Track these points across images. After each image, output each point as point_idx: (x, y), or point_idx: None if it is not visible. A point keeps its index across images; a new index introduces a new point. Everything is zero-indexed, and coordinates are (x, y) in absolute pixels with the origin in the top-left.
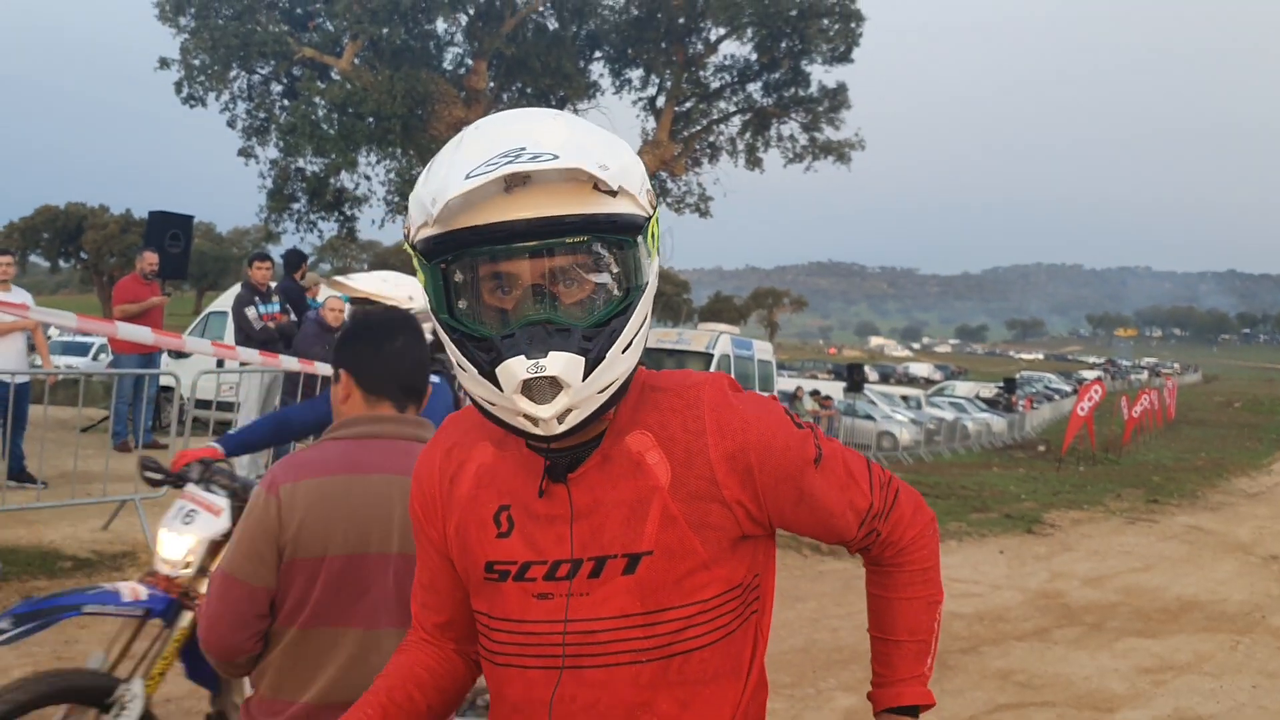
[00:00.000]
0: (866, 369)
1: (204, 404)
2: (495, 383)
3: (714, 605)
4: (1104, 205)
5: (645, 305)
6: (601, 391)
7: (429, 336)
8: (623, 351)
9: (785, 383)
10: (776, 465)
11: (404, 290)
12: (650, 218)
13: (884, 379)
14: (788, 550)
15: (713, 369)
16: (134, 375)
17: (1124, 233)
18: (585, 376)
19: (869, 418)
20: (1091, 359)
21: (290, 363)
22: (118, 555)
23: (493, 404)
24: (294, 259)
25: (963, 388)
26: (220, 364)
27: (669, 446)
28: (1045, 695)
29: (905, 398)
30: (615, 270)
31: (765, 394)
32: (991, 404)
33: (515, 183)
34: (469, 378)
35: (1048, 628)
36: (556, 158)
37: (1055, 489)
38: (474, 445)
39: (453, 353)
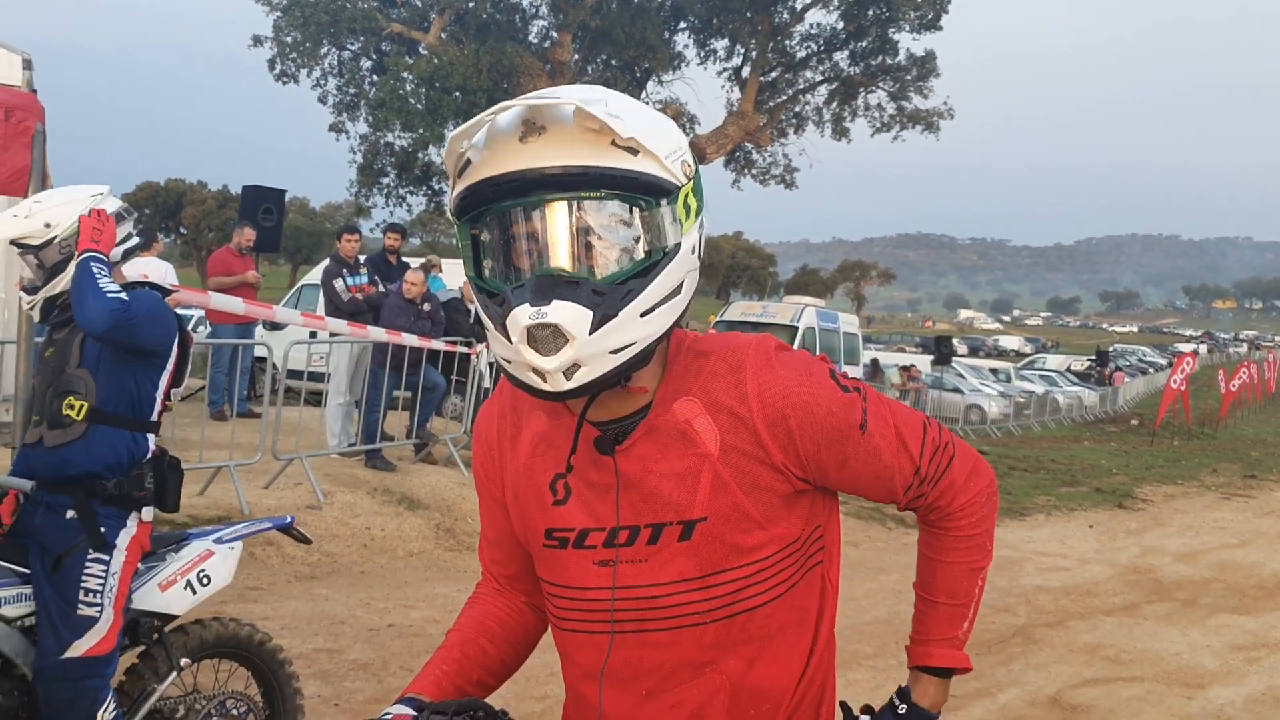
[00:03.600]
0: (955, 342)
1: (296, 374)
2: (506, 335)
3: (773, 562)
4: (1203, 173)
5: (674, 274)
6: (615, 352)
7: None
8: (641, 315)
9: (869, 356)
10: (817, 431)
11: (39, 219)
12: (681, 187)
13: (973, 352)
14: (871, 523)
15: (797, 341)
16: (229, 346)
17: (1223, 202)
18: (593, 331)
19: (957, 391)
20: (1188, 332)
21: (378, 334)
22: (213, 520)
23: (509, 361)
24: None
25: (1053, 361)
26: (313, 335)
27: (715, 412)
28: (1133, 670)
29: (994, 371)
30: (636, 232)
31: (816, 355)
32: (1083, 377)
33: (530, 132)
34: (492, 336)
35: (1137, 603)
36: (559, 99)
37: (1148, 463)
38: (530, 412)
39: (481, 314)
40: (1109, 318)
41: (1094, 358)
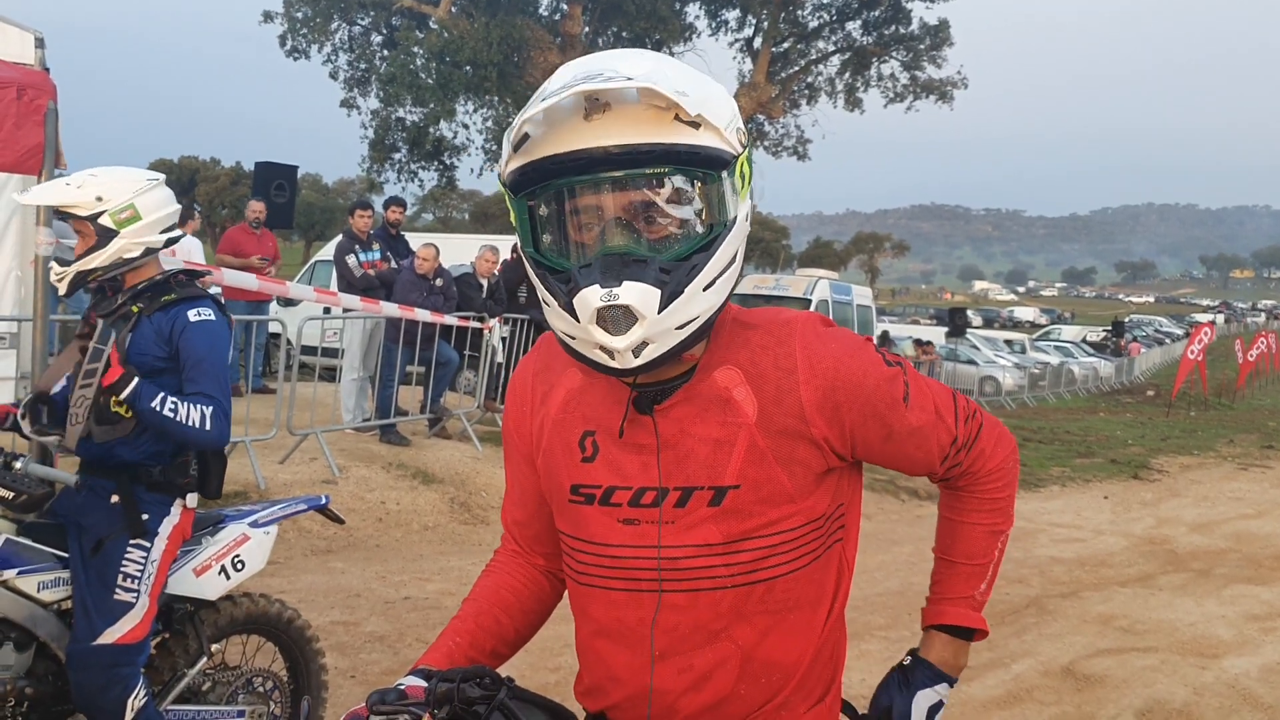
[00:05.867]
0: (970, 314)
1: (310, 350)
2: (573, 314)
3: (797, 536)
4: (1220, 142)
5: (732, 245)
6: (680, 327)
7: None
8: (704, 289)
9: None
10: (865, 404)
11: (90, 191)
12: (738, 156)
13: (988, 324)
14: (884, 495)
15: None
16: (243, 322)
17: (1241, 170)
18: (662, 309)
19: (971, 363)
20: (1205, 302)
21: (390, 309)
22: (230, 495)
23: (572, 337)
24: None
25: (1069, 332)
26: (327, 311)
27: (758, 383)
28: (1148, 640)
29: (1009, 342)
30: (698, 206)
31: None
32: (1099, 348)
33: (594, 109)
34: (551, 311)
35: (1152, 573)
36: (631, 80)
37: (1164, 434)
38: (564, 370)
39: (538, 288)
40: (1125, 288)
41: (1110, 328)
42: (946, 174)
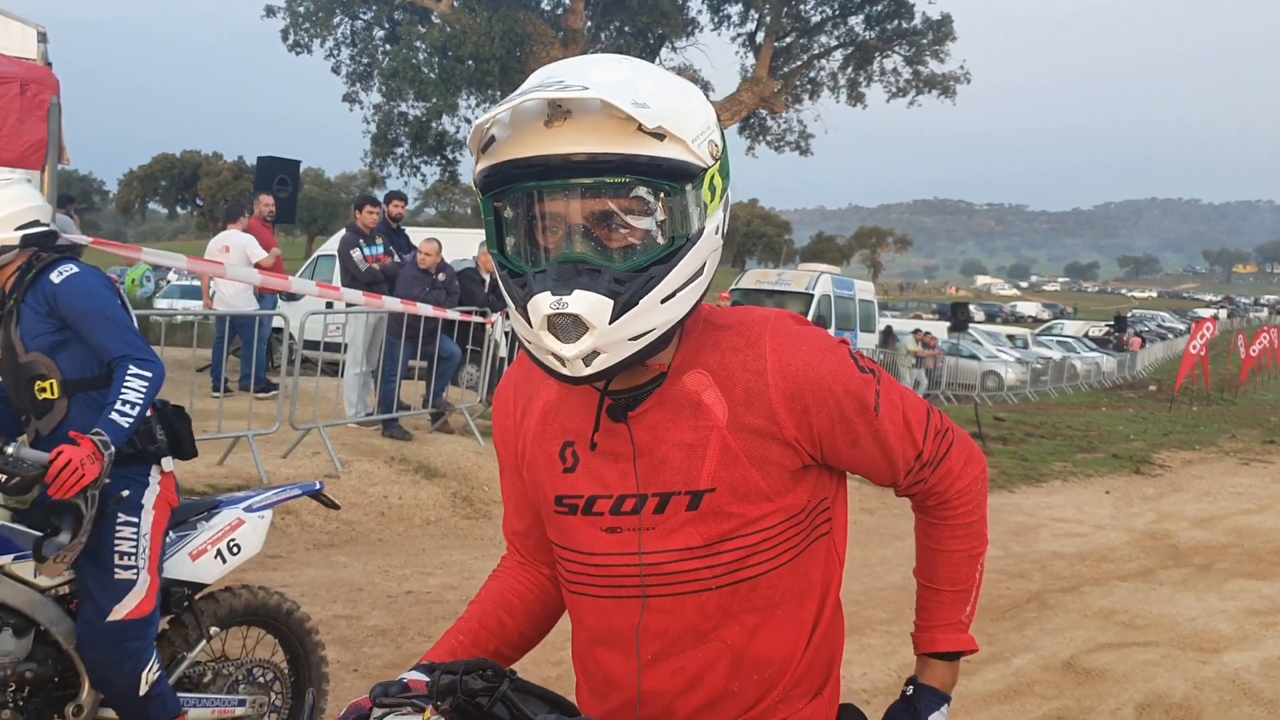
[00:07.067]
0: (972, 308)
1: (312, 344)
2: (527, 319)
3: (777, 532)
4: (1223, 137)
5: (698, 258)
6: (634, 339)
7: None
8: (662, 301)
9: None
10: (834, 408)
11: None
12: (707, 169)
13: (990, 318)
14: (885, 489)
15: (812, 309)
16: (248, 316)
17: (1244, 165)
18: (613, 320)
19: (974, 357)
20: (1208, 297)
21: (393, 304)
22: (233, 489)
23: (529, 341)
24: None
25: (1071, 326)
26: (329, 305)
27: (727, 385)
28: (1148, 635)
29: (1011, 337)
30: (660, 217)
31: (838, 334)
32: (1101, 343)
33: (556, 116)
34: (511, 312)
35: (1153, 568)
36: (586, 89)
37: (1166, 429)
38: (541, 382)
39: (502, 290)
40: (1128, 283)
41: (1112, 323)
42: (949, 169)
